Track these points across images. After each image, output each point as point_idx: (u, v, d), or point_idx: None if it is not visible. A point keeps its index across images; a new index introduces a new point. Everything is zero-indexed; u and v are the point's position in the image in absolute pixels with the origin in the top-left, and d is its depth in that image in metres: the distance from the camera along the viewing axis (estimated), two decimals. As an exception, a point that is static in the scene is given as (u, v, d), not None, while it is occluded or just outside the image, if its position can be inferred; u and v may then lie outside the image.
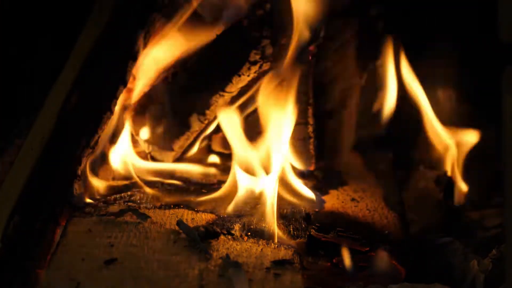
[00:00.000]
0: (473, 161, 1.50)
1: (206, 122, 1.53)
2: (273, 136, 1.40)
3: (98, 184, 1.42)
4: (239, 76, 1.47)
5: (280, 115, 1.42)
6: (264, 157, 1.40)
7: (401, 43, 1.56)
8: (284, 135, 1.41)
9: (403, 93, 1.58)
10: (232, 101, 1.52)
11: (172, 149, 1.55)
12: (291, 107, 1.44)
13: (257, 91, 1.48)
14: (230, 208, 1.33)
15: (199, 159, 1.61)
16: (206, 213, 1.33)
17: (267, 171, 1.37)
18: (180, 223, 1.22)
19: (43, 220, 1.21)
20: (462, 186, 1.47)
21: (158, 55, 1.49)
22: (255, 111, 1.52)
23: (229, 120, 1.44)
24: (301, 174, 1.53)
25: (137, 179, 1.46)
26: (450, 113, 1.55)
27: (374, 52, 1.61)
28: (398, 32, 1.57)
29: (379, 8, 1.60)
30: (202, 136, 1.58)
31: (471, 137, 1.50)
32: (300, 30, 1.46)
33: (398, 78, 1.59)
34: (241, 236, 1.23)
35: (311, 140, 1.57)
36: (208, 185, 1.50)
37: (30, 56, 1.48)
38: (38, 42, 1.46)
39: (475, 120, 1.53)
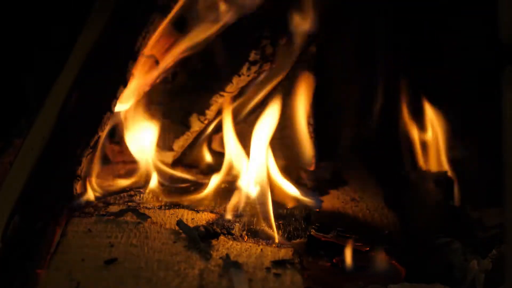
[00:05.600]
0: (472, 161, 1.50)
1: (206, 122, 1.53)
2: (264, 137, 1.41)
3: (98, 184, 1.42)
4: (239, 76, 1.47)
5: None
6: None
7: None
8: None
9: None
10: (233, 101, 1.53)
11: (172, 149, 1.55)
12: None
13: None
14: (230, 209, 1.34)
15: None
16: (206, 213, 1.34)
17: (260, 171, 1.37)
18: (180, 223, 1.22)
19: (43, 220, 1.21)
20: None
21: (158, 55, 1.49)
22: (254, 110, 1.53)
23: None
24: (301, 174, 1.53)
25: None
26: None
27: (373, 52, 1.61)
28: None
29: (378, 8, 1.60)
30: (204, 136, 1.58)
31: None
32: (300, 30, 1.46)
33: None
34: (241, 236, 1.24)
35: (311, 140, 1.57)
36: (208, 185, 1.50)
37: (30, 56, 1.48)
38: (39, 42, 1.46)
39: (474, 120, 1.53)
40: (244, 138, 1.47)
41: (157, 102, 1.56)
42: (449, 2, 1.50)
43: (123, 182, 1.48)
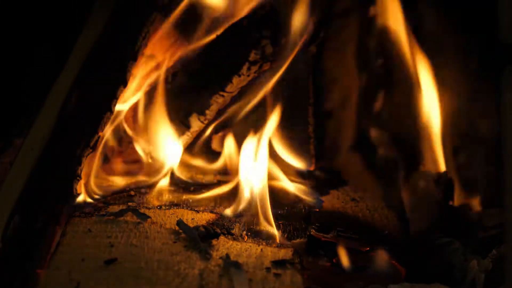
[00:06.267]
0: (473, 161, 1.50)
1: (206, 122, 1.53)
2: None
3: (98, 184, 1.42)
4: (239, 76, 1.47)
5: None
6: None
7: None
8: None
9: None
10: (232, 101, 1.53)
11: (172, 149, 1.55)
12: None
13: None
14: (232, 209, 1.34)
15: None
16: (206, 213, 1.34)
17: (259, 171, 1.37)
18: (180, 223, 1.22)
19: (43, 220, 1.21)
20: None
21: (158, 55, 1.49)
22: (253, 110, 1.53)
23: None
24: (301, 174, 1.53)
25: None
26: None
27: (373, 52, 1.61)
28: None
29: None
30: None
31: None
32: (299, 30, 1.46)
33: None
34: (241, 236, 1.24)
35: (311, 140, 1.58)
36: (208, 185, 1.50)
37: (30, 56, 1.48)
38: (39, 42, 1.46)
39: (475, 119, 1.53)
40: (244, 138, 1.47)
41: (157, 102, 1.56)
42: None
43: (123, 182, 1.48)
